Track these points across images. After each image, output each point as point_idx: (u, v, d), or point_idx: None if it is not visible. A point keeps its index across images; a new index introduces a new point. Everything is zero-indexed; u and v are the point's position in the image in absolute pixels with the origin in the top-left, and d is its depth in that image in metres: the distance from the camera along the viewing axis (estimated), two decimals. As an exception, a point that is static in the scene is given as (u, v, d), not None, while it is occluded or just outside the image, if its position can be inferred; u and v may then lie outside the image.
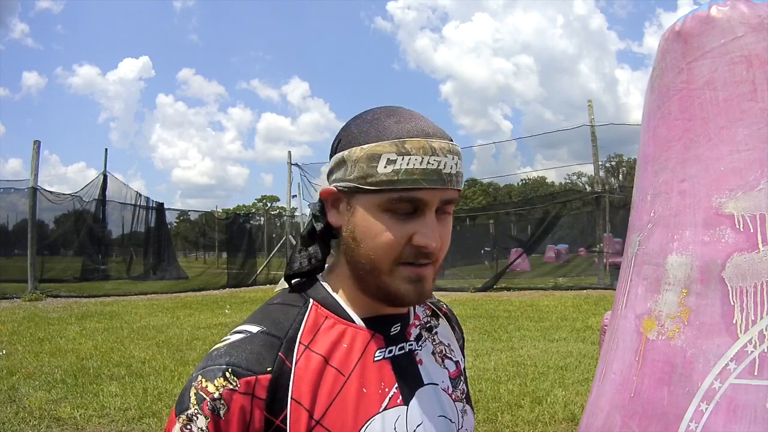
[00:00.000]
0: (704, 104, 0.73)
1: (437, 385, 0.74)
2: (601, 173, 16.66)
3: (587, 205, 14.50)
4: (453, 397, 0.76)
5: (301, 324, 0.68)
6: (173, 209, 22.70)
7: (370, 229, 0.65)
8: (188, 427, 0.61)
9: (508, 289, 12.71)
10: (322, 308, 0.70)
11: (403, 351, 0.73)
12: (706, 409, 0.63)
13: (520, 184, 46.58)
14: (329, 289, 0.72)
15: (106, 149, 16.57)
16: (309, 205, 1.75)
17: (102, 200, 14.59)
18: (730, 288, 0.66)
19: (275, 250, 18.02)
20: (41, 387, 4.48)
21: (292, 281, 0.75)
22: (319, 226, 0.72)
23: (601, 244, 13.04)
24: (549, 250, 17.15)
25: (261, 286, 15.72)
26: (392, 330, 0.72)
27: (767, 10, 0.69)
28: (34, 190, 12.23)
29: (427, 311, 0.83)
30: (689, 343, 0.69)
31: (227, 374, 0.62)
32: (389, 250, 0.65)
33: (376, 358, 0.69)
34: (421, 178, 0.63)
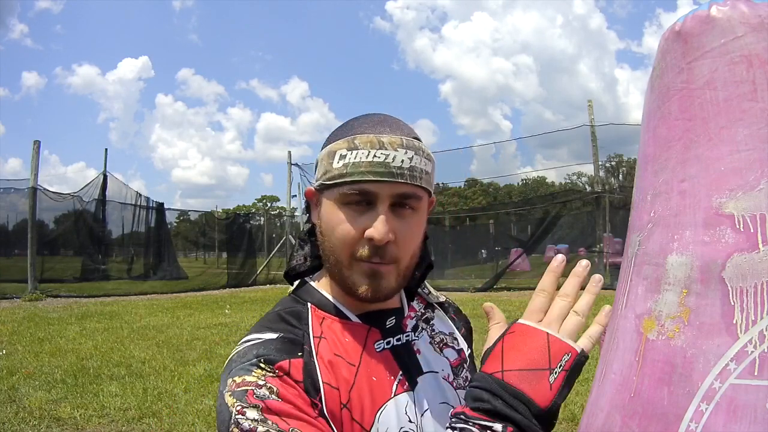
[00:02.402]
0: (704, 104, 0.73)
1: (437, 372, 0.76)
2: (601, 173, 16.66)
3: (587, 205, 14.50)
4: (454, 384, 0.78)
5: (308, 324, 0.70)
6: (173, 209, 22.72)
7: (330, 221, 0.69)
8: (241, 425, 0.57)
9: (508, 289, 12.71)
10: (319, 310, 0.73)
11: (400, 342, 0.75)
12: (706, 409, 0.63)
13: (520, 184, 46.60)
14: (321, 291, 0.75)
15: (106, 149, 16.59)
16: (304, 206, 1.75)
17: (102, 200, 14.59)
18: (730, 288, 0.66)
19: (275, 250, 18.02)
20: (41, 387, 4.48)
21: (294, 281, 0.78)
22: (307, 225, 0.77)
23: (601, 244, 13.04)
24: (549, 250, 17.14)
25: (261, 286, 15.71)
26: (387, 323, 0.75)
27: (767, 10, 0.69)
28: (34, 190, 12.23)
29: (421, 303, 0.85)
30: (689, 343, 0.69)
31: (261, 364, 0.62)
32: (345, 242, 0.67)
33: (377, 350, 0.72)
34: (367, 170, 0.65)
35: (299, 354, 0.65)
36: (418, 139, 0.70)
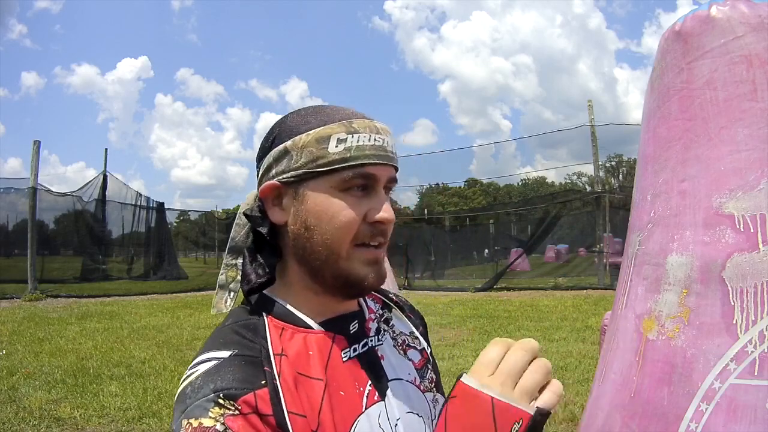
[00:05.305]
0: (704, 104, 0.73)
1: (402, 379, 0.73)
2: (601, 173, 16.66)
3: (587, 205, 14.49)
4: (421, 388, 0.75)
5: (266, 338, 0.65)
6: (173, 209, 22.72)
7: (326, 211, 0.65)
8: None
9: (508, 289, 12.70)
10: (277, 320, 0.68)
11: (366, 347, 0.71)
12: (707, 409, 0.63)
13: (520, 184, 46.58)
14: (278, 300, 0.70)
15: (106, 149, 16.59)
16: (244, 212, 0.75)
17: (102, 200, 14.58)
18: (730, 288, 0.66)
19: (275, 250, 18.00)
20: (41, 387, 4.48)
21: (251, 296, 0.71)
22: (264, 229, 0.70)
23: (601, 244, 13.04)
24: (549, 250, 17.15)
25: (261, 286, 15.69)
26: (351, 328, 0.71)
27: (767, 10, 0.69)
28: (34, 190, 12.21)
29: (378, 303, 0.82)
30: (689, 343, 0.69)
31: (220, 401, 0.56)
32: (348, 229, 0.65)
33: (343, 359, 0.68)
34: (372, 154, 0.65)
35: (263, 382, 0.59)
36: None
